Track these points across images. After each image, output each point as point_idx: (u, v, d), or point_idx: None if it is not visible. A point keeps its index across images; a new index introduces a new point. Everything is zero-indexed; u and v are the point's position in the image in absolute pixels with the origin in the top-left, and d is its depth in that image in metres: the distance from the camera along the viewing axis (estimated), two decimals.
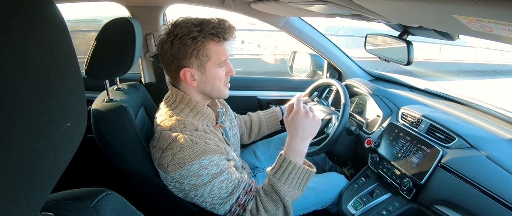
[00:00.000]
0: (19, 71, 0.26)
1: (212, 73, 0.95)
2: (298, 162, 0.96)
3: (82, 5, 1.71)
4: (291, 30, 1.66)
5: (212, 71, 0.95)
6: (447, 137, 1.05)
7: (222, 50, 0.93)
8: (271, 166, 0.99)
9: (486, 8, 0.39)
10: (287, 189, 0.94)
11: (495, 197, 0.83)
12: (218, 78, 0.97)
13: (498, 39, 0.64)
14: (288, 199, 0.94)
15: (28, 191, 0.29)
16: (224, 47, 0.94)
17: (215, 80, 0.97)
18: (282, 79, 1.98)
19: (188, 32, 0.89)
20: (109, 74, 1.04)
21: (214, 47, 0.92)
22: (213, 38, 0.90)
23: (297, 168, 0.95)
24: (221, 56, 0.94)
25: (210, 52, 0.92)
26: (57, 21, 0.31)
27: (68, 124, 0.32)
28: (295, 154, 0.97)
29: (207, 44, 0.91)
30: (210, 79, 0.96)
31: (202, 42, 0.90)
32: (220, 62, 0.94)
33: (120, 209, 0.54)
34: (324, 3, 0.84)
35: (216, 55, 0.93)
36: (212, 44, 0.91)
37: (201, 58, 0.92)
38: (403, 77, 1.76)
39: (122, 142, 0.97)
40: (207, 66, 0.94)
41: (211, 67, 0.95)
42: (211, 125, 1.02)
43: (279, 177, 0.95)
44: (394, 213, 1.07)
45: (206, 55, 0.92)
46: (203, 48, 0.91)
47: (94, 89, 1.32)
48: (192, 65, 0.93)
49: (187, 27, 0.89)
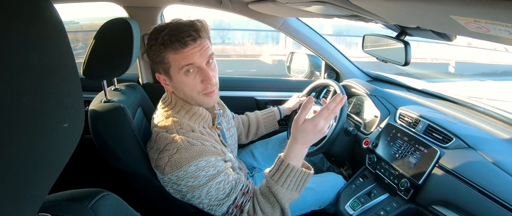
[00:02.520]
0: (16, 72, 0.26)
1: (178, 79, 0.93)
2: (297, 165, 0.94)
3: (79, 5, 1.70)
4: (288, 30, 1.67)
5: (177, 78, 0.93)
6: (445, 137, 1.05)
7: (180, 57, 0.89)
8: (269, 168, 0.98)
9: (483, 8, 0.39)
10: (284, 191, 0.93)
11: (492, 197, 0.84)
12: (186, 85, 0.93)
13: (496, 39, 0.64)
14: (285, 202, 0.93)
15: (26, 192, 0.29)
16: (184, 53, 0.88)
17: (184, 88, 0.94)
18: (279, 79, 1.98)
19: (149, 39, 0.91)
20: (106, 74, 1.04)
21: (171, 55, 0.89)
22: (167, 46, 0.88)
23: (295, 171, 0.94)
24: (180, 62, 0.89)
25: (168, 60, 0.90)
26: (55, 21, 0.31)
27: (66, 125, 0.32)
28: (295, 158, 0.95)
29: (163, 52, 0.89)
30: (179, 86, 0.94)
31: (158, 50, 0.89)
32: (180, 67, 0.90)
33: (117, 209, 0.53)
34: (321, 3, 0.84)
35: (174, 62, 0.90)
36: (169, 51, 0.89)
37: (163, 66, 0.92)
38: (400, 78, 1.76)
39: (120, 143, 0.97)
40: (171, 72, 0.93)
41: (175, 74, 0.92)
42: (207, 126, 1.02)
43: (277, 179, 0.93)
44: (392, 213, 1.07)
45: (165, 62, 0.91)
46: (159, 56, 0.90)
47: (91, 89, 1.32)
48: (160, 71, 0.94)
49: (152, 34, 0.91)
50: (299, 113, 0.93)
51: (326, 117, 0.92)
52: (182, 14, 0.94)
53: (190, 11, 1.67)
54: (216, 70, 0.97)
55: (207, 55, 0.92)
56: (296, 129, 0.94)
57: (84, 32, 6.61)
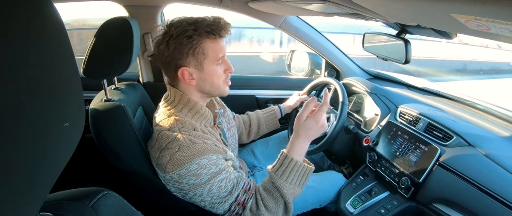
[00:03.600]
0: (16, 71, 0.26)
1: (210, 70, 0.95)
2: (299, 160, 0.97)
3: (79, 4, 1.70)
4: (289, 28, 1.66)
5: (210, 68, 0.95)
6: (445, 135, 1.05)
7: (218, 47, 0.94)
8: (272, 164, 1.00)
9: (484, 7, 0.39)
10: (288, 186, 0.94)
11: (493, 195, 0.84)
12: (216, 75, 0.97)
13: (496, 38, 0.64)
14: (289, 196, 0.94)
15: (27, 191, 0.29)
16: (220, 44, 0.94)
17: (214, 78, 0.97)
18: (280, 78, 1.98)
19: (183, 31, 0.89)
20: (107, 73, 1.04)
21: (210, 45, 0.92)
22: (208, 36, 0.91)
23: (298, 166, 0.96)
24: (218, 53, 0.94)
25: (207, 50, 0.92)
26: (55, 21, 0.31)
27: (66, 124, 0.32)
28: (298, 153, 0.98)
29: (203, 42, 0.91)
30: (209, 77, 0.96)
31: (198, 40, 0.90)
32: (217, 59, 0.94)
33: (118, 208, 0.54)
34: (322, 2, 0.84)
35: (212, 52, 0.93)
36: (208, 41, 0.92)
37: (198, 57, 0.92)
38: (401, 76, 1.76)
39: (120, 142, 0.97)
40: (205, 64, 0.94)
41: (209, 65, 0.94)
42: (209, 125, 1.02)
43: (281, 174, 0.95)
44: (392, 211, 1.07)
45: (203, 53, 0.92)
46: (199, 46, 0.91)
47: (92, 88, 1.32)
48: (190, 64, 0.93)
49: (181, 27, 0.89)
50: (302, 110, 0.99)
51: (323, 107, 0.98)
52: (180, 13, 0.94)
53: (190, 10, 1.68)
54: None
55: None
56: (298, 125, 0.99)
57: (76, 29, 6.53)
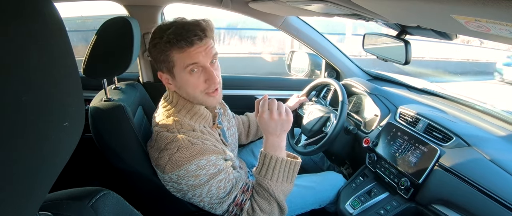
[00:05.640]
0: (16, 71, 0.26)
1: (182, 78, 0.92)
2: (280, 156, 0.96)
3: (80, 4, 1.70)
4: (289, 29, 1.66)
5: (181, 76, 0.92)
6: (445, 136, 1.05)
7: (186, 55, 0.88)
8: (255, 166, 0.99)
9: (484, 8, 0.39)
10: (275, 184, 0.94)
11: (492, 196, 0.84)
12: (190, 85, 0.93)
13: (496, 39, 0.64)
14: (278, 195, 0.94)
15: (26, 190, 0.29)
16: (189, 52, 0.88)
17: (188, 87, 0.93)
18: (280, 78, 1.98)
19: (153, 37, 0.90)
20: (107, 73, 1.04)
21: (177, 54, 0.88)
22: (177, 44, 0.87)
23: (280, 162, 0.95)
24: (185, 61, 0.89)
25: (172, 58, 0.89)
26: (55, 20, 0.31)
27: (66, 124, 0.32)
28: (274, 149, 0.97)
29: (167, 50, 0.88)
30: (183, 85, 0.94)
31: (163, 48, 0.88)
32: (185, 66, 0.89)
33: (118, 208, 0.53)
34: (322, 2, 0.84)
35: (179, 61, 0.89)
36: (174, 50, 0.88)
37: (167, 64, 0.91)
38: (401, 77, 1.76)
39: (120, 142, 0.97)
40: (175, 71, 0.92)
41: (179, 73, 0.91)
42: (208, 126, 1.02)
43: (264, 174, 0.95)
44: (391, 212, 1.07)
45: (169, 61, 0.90)
46: (163, 54, 0.89)
47: (92, 88, 1.31)
48: (163, 70, 0.94)
49: (157, 32, 0.89)
50: (260, 113, 0.97)
51: (275, 106, 0.97)
52: (181, 13, 0.93)
53: (190, 10, 1.68)
54: (219, 69, 0.97)
55: (211, 54, 0.91)
56: (261, 125, 0.99)
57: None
